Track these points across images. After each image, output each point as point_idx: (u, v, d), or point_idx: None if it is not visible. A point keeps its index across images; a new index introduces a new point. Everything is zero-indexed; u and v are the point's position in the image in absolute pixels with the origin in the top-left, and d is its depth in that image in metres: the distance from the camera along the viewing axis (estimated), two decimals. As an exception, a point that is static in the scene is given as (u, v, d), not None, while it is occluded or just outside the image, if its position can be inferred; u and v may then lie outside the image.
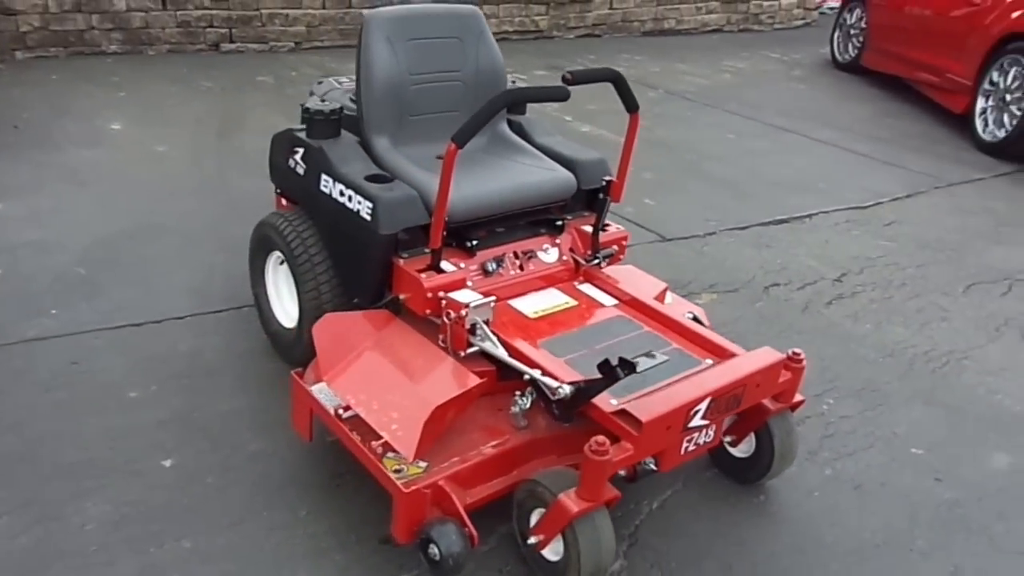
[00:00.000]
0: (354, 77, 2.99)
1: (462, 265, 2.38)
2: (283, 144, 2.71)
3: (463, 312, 2.17)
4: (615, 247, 2.67)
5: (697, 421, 2.02)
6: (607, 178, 2.64)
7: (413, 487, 1.90)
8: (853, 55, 8.06)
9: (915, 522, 2.35)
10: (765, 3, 10.15)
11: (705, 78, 7.50)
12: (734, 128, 6.08)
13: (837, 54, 8.33)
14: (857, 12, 8.01)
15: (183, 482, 2.28)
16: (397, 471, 1.96)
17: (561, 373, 2.07)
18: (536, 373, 2.06)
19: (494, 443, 2.11)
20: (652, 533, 2.23)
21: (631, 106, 2.42)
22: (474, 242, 2.43)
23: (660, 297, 2.66)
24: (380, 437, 2.02)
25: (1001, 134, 5.78)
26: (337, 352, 2.23)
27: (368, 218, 2.30)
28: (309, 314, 2.55)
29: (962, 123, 6.22)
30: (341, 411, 2.10)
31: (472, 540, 1.90)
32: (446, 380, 2.12)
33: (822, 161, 5.50)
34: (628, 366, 1.81)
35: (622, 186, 2.63)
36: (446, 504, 1.94)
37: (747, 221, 4.38)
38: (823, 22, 10.87)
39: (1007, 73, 5.75)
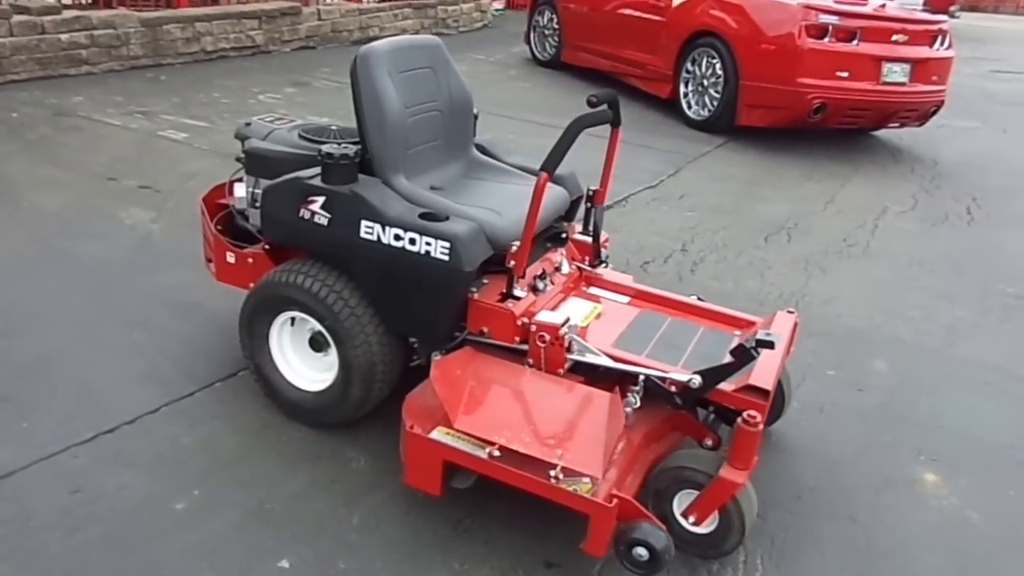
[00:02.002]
0: (281, 114, 2.87)
1: (527, 292, 2.49)
2: (289, 195, 2.49)
3: (561, 332, 2.31)
4: (605, 249, 2.95)
5: (774, 382, 2.42)
6: (592, 188, 2.90)
7: (614, 499, 2.03)
8: (552, 53, 9.02)
9: (859, 420, 3.01)
10: (450, 7, 10.79)
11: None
12: (505, 128, 6.53)
13: (537, 53, 9.23)
14: (547, 14, 8.96)
15: (316, 576, 2.12)
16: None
17: (665, 367, 2.33)
18: (650, 371, 2.29)
19: (621, 444, 2.29)
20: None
21: (617, 122, 2.73)
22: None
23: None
24: (541, 466, 2.10)
25: (705, 113, 6.99)
26: (457, 395, 2.23)
27: (445, 257, 2.30)
28: (360, 371, 2.46)
29: (668, 106, 7.37)
30: (495, 452, 2.13)
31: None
32: (585, 398, 2.26)
33: (594, 150, 6.18)
34: (766, 345, 2.14)
35: (605, 193, 2.93)
36: (628, 509, 2.10)
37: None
38: (495, 23, 11.88)
39: (700, 63, 6.97)
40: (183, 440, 2.55)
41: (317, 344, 2.60)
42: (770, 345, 2.14)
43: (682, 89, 7.18)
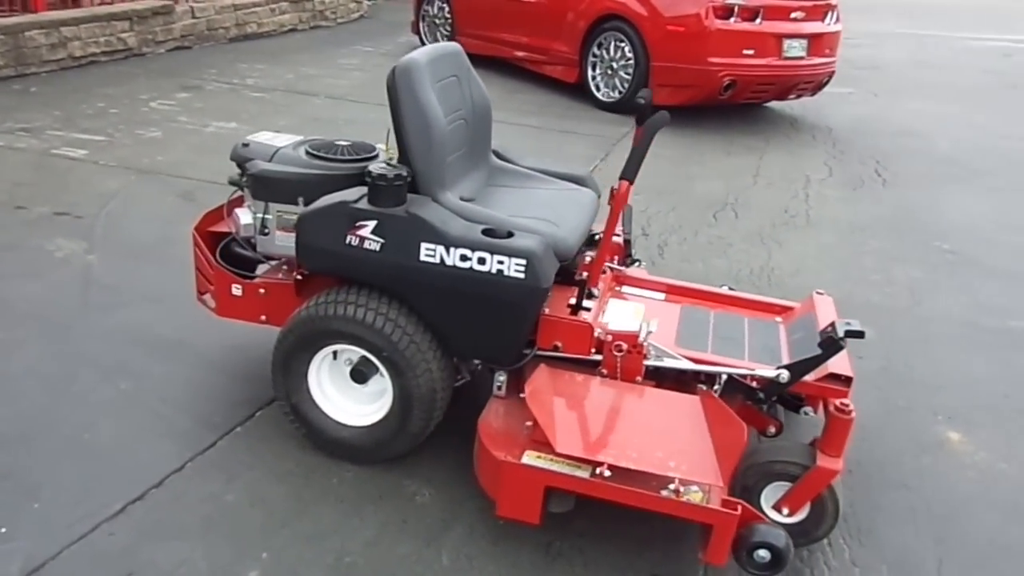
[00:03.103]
0: (260, 132, 2.66)
1: (591, 302, 2.41)
2: (333, 220, 2.27)
3: (640, 340, 2.25)
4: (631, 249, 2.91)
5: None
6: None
7: (738, 506, 1.99)
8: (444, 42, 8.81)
9: (871, 387, 3.13)
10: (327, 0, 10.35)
11: (344, 78, 7.54)
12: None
13: (428, 43, 8.99)
14: (437, 3, 8.73)
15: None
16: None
17: (749, 364, 2.32)
18: (736, 369, 2.27)
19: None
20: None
21: (642, 119, 2.68)
22: (584, 274, 2.44)
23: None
24: (649, 480, 2.04)
25: (616, 95, 7.06)
26: (551, 417, 2.12)
27: (521, 275, 2.17)
28: (422, 400, 2.31)
29: (575, 90, 7.39)
30: (606, 472, 2.04)
31: None
32: (682, 404, 2.21)
33: (525, 139, 6.12)
34: (855, 335, 2.16)
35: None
36: (745, 513, 2.06)
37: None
38: (371, 13, 11.54)
39: (607, 47, 7.02)
40: (226, 498, 2.29)
41: (360, 376, 2.41)
42: (860, 335, 2.16)
43: (590, 73, 7.21)
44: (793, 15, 6.54)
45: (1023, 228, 4.94)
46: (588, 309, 2.35)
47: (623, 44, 6.87)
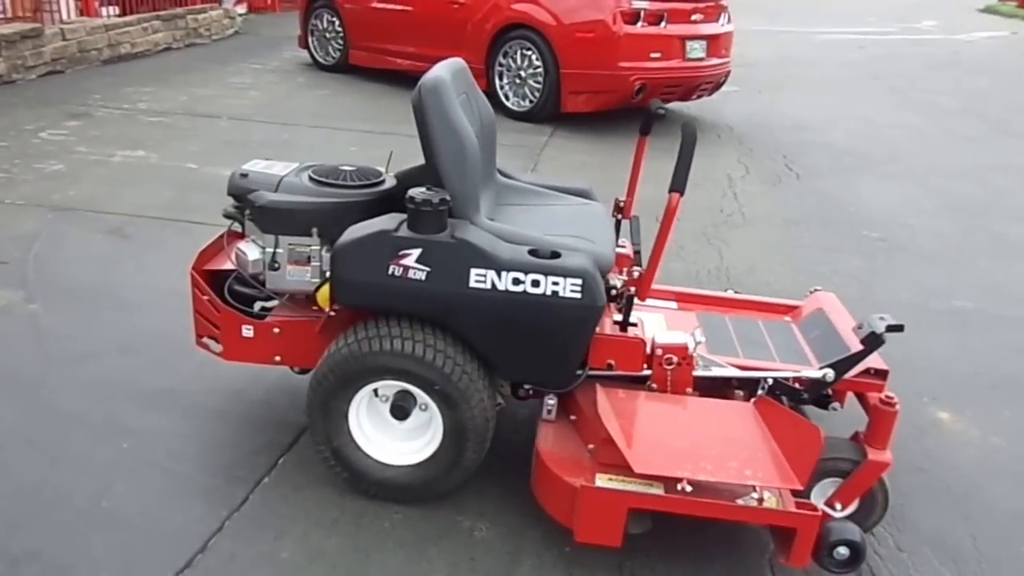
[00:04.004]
0: (253, 161, 2.52)
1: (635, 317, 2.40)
2: (374, 251, 2.14)
3: (690, 352, 2.27)
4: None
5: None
6: (619, 199, 2.86)
7: (818, 509, 2.04)
8: (337, 56, 8.57)
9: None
10: (200, 16, 9.85)
11: (241, 98, 7.20)
12: (341, 139, 6.13)
13: (319, 58, 8.73)
14: (327, 17, 8.49)
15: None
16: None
17: (792, 367, 2.39)
18: (782, 373, 2.33)
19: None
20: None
21: (646, 130, 2.74)
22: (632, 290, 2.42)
23: None
24: (727, 492, 2.06)
25: (527, 104, 7.09)
26: (628, 438, 2.09)
27: (577, 295, 2.13)
28: (477, 432, 2.23)
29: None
30: (687, 487, 2.04)
31: None
32: (739, 412, 2.25)
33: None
34: (896, 329, 2.25)
35: (631, 204, 2.90)
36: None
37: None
38: (245, 28, 11.11)
39: (514, 56, 7.05)
40: (281, 556, 2.12)
41: (400, 412, 2.29)
42: (900, 328, 2.26)
43: (498, 83, 7.22)
44: (693, 17, 6.81)
45: (932, 212, 5.35)
46: (635, 324, 2.35)
47: (530, 52, 6.92)
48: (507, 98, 7.19)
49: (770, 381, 2.36)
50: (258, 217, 2.38)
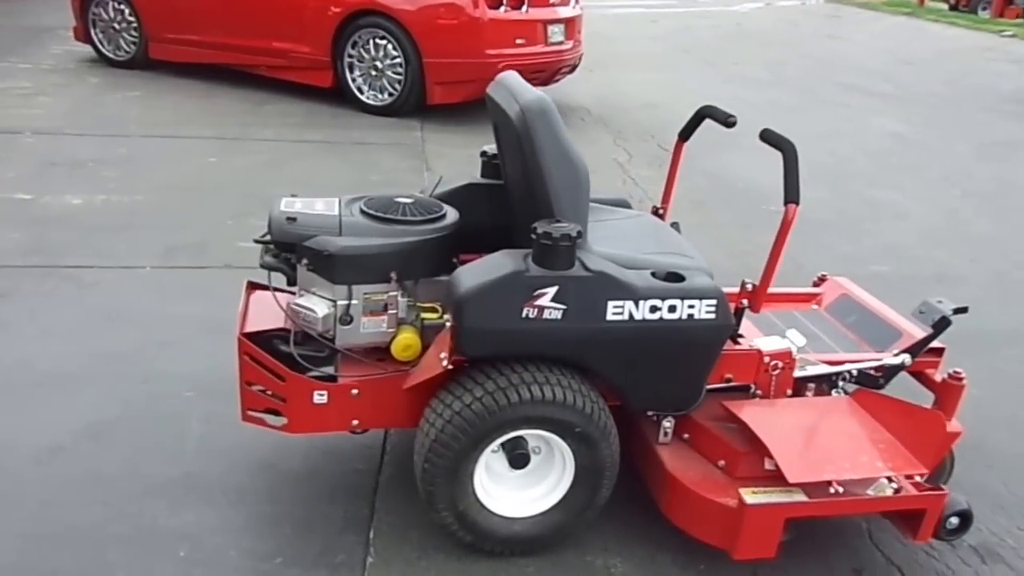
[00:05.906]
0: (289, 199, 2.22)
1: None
2: (508, 295, 1.94)
3: (794, 356, 2.29)
4: None
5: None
6: (656, 205, 2.82)
7: (944, 489, 2.14)
8: (132, 51, 7.54)
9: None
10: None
11: (32, 107, 6.13)
12: (198, 152, 5.46)
13: (108, 53, 7.59)
14: (112, 5, 7.40)
15: None
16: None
17: (873, 355, 2.50)
18: (867, 363, 2.42)
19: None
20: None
21: (687, 135, 2.73)
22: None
23: None
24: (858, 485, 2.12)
25: (386, 97, 6.68)
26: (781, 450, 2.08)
27: (712, 316, 2.07)
28: (612, 469, 2.15)
29: (331, 95, 6.83)
30: (839, 488, 2.07)
31: None
32: (843, 406, 2.32)
33: (328, 158, 5.52)
34: (960, 311, 2.41)
35: (668, 210, 2.90)
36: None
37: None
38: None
39: (366, 45, 6.63)
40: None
41: (521, 460, 2.10)
42: (964, 310, 2.42)
43: (348, 75, 6.77)
44: (552, 1, 6.81)
45: (805, 181, 5.75)
46: (743, 336, 2.32)
47: (384, 42, 6.55)
48: (361, 92, 6.75)
49: (854, 372, 2.43)
50: (324, 266, 2.06)
